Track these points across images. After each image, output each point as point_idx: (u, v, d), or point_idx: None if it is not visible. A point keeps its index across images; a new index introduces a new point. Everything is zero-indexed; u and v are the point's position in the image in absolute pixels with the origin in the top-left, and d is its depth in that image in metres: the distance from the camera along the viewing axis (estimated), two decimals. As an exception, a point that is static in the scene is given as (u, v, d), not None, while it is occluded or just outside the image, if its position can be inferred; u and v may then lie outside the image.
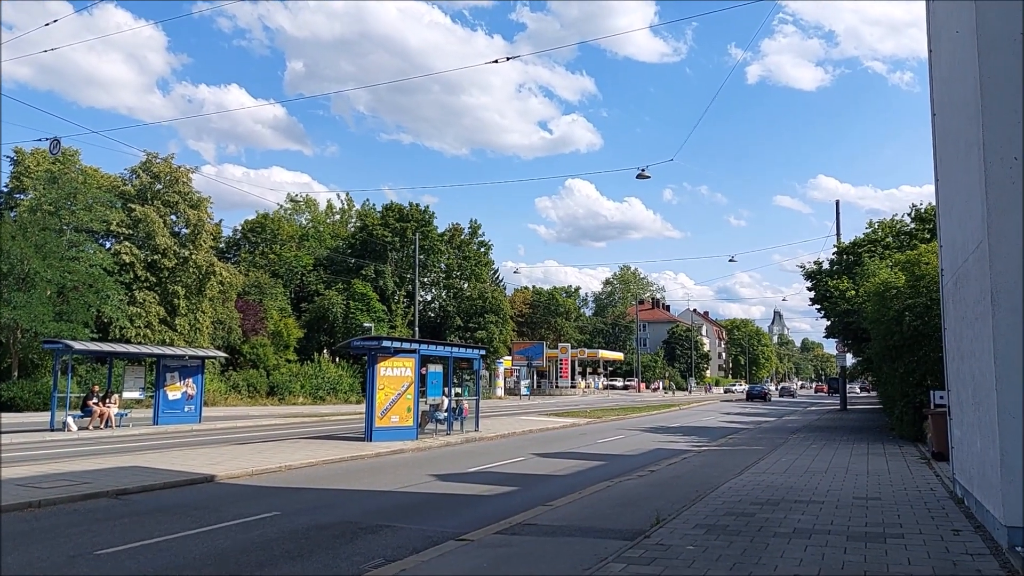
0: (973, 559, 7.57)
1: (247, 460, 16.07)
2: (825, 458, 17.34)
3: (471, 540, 8.75)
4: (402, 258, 65.86)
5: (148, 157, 45.64)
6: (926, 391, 18.71)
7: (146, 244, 43.21)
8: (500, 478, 14.87)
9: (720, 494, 11.97)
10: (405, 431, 20.84)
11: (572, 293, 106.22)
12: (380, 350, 20.81)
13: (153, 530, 9.61)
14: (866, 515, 10.06)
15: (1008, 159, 8.11)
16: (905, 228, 33.17)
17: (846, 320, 31.45)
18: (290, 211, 76.25)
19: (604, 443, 23.01)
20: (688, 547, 8.18)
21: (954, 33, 10.09)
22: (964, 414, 10.89)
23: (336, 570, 7.75)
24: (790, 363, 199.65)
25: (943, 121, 11.92)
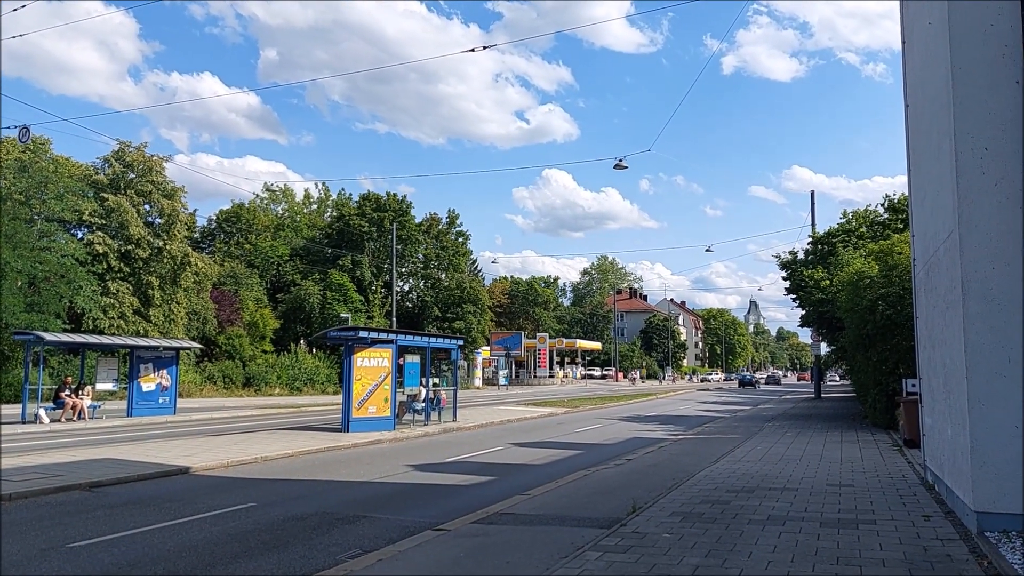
0: (943, 544, 7.69)
1: (222, 451, 15.96)
2: (799, 446, 17.53)
3: (448, 530, 8.75)
4: (379, 248, 65.57)
5: (121, 146, 45.04)
6: (898, 379, 18.95)
7: (119, 234, 42.66)
8: (478, 468, 14.89)
9: (696, 482, 12.07)
10: (382, 422, 20.79)
11: (551, 283, 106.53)
12: (357, 340, 20.72)
13: (127, 522, 9.52)
14: (839, 502, 10.19)
15: (979, 149, 8.21)
16: (879, 218, 33.50)
17: (821, 309, 31.76)
18: (267, 201, 75.65)
19: (581, 432, 23.11)
20: (664, 535, 8.24)
21: (927, 25, 10.18)
22: (935, 402, 11.05)
23: (312, 561, 7.72)
24: (766, 352, 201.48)
25: (916, 112, 12.04)
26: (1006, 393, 7.95)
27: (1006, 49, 8.11)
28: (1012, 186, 8.02)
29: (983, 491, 8.01)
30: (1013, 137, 8.02)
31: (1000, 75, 8.15)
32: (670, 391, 61.21)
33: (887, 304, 19.92)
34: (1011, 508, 7.88)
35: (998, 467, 7.95)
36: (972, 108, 8.28)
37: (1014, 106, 8.02)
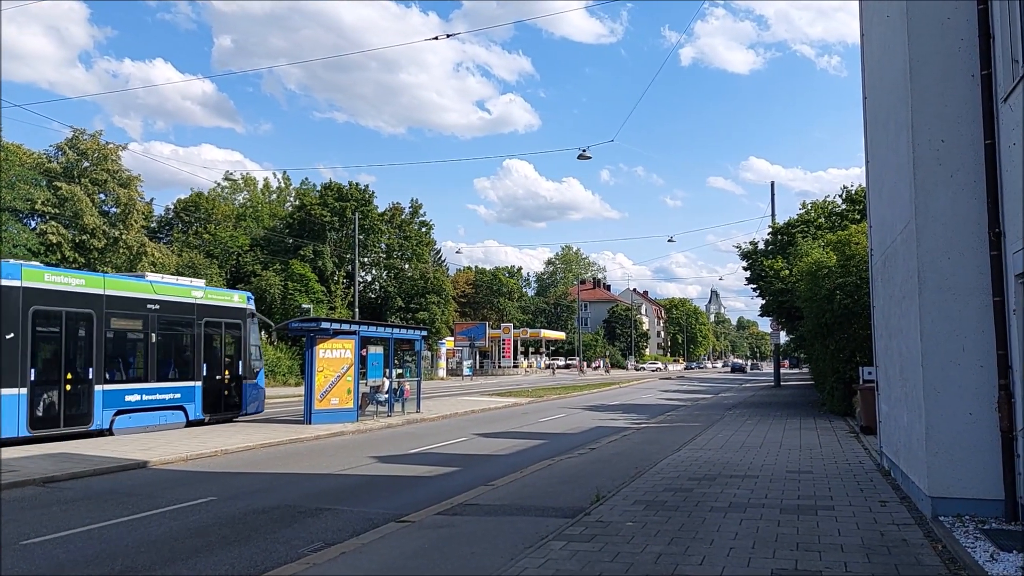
0: (899, 529, 7.85)
1: (181, 445, 15.72)
2: (760, 433, 17.78)
3: (412, 521, 8.72)
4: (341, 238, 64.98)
5: (75, 133, 44.01)
6: (855, 367, 19.30)
7: (73, 224, 41.69)
8: (442, 459, 14.85)
9: (659, 470, 12.18)
10: (345, 413, 20.64)
11: (515, 273, 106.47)
12: (319, 332, 20.53)
13: (83, 518, 9.33)
14: (799, 488, 10.35)
15: (935, 141, 8.36)
16: (837, 209, 34.01)
17: (780, 299, 32.19)
18: (227, 190, 74.47)
19: (545, 422, 23.18)
20: (628, 523, 8.29)
21: (885, 18, 10.32)
22: (891, 389, 11.27)
23: (274, 555, 7.63)
24: (727, 341, 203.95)
25: (874, 104, 12.21)
26: (960, 381, 8.14)
27: (962, 43, 8.26)
28: (968, 177, 8.19)
29: (938, 477, 8.20)
30: (969, 129, 8.18)
31: (956, 68, 8.30)
32: (632, 380, 61.67)
33: (845, 294, 20.26)
34: (965, 493, 8.07)
35: (952, 453, 8.14)
36: (929, 100, 8.42)
37: (970, 99, 8.17)
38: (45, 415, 16.15)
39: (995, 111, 7.89)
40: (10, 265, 16.04)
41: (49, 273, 17.00)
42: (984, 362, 8.00)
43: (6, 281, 15.56)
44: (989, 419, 7.93)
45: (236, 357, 21.04)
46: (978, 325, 8.05)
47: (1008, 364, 7.76)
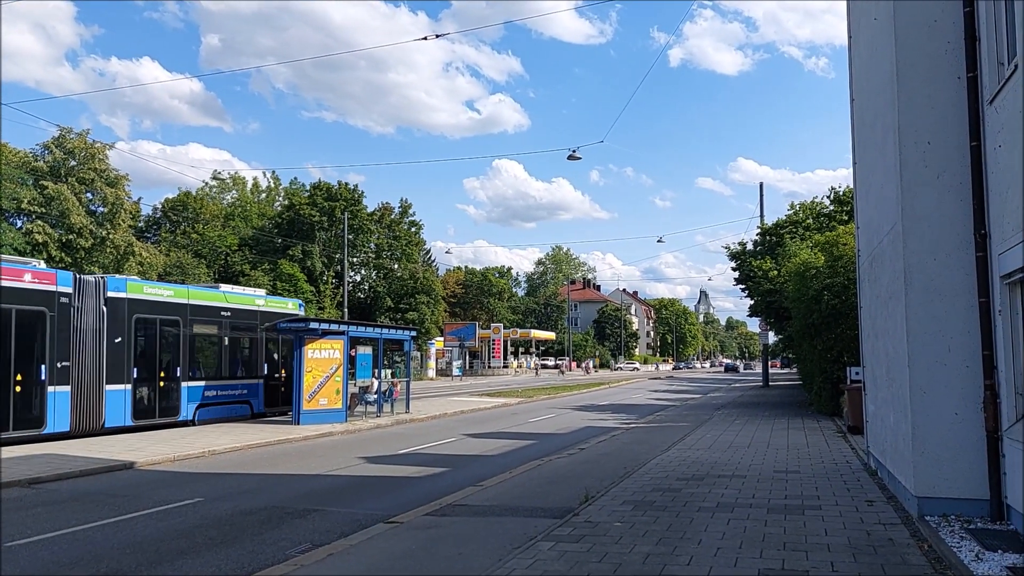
0: (885, 528, 7.88)
1: (168, 445, 15.63)
2: (748, 433, 17.84)
3: (401, 522, 8.70)
4: (331, 238, 64.87)
5: (62, 132, 43.86)
6: (843, 367, 19.38)
7: (60, 223, 41.48)
8: (431, 459, 14.83)
9: (647, 470, 12.19)
10: (334, 414, 20.58)
11: (504, 273, 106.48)
12: (307, 332, 20.47)
13: (69, 519, 9.27)
14: (786, 488, 10.39)
15: (921, 143, 8.41)
16: (825, 210, 34.16)
17: (769, 299, 32.30)
18: (216, 189, 74.17)
19: (535, 422, 23.19)
20: (616, 523, 8.30)
21: (872, 20, 10.37)
22: (878, 389, 11.32)
23: (261, 556, 7.60)
24: (715, 341, 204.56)
25: (861, 106, 12.27)
26: (946, 381, 8.18)
27: (949, 45, 8.31)
28: (954, 179, 8.24)
29: (924, 476, 8.24)
30: (955, 131, 8.23)
31: (943, 70, 8.35)
32: (622, 380, 61.77)
33: (832, 294, 20.35)
34: (950, 493, 8.12)
35: (938, 453, 8.19)
36: (916, 102, 8.47)
37: (956, 101, 8.22)
38: (145, 408, 18.70)
39: (981, 113, 7.94)
40: (117, 280, 18.62)
41: (147, 286, 19.68)
42: (970, 362, 8.05)
43: (113, 293, 17.95)
44: (975, 419, 7.98)
45: (290, 357, 21.99)
46: (964, 326, 8.10)
47: (993, 364, 7.81)
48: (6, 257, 17.19)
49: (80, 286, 17.32)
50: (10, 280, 15.64)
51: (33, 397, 16.11)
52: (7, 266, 15.92)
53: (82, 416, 17.10)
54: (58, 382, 16.52)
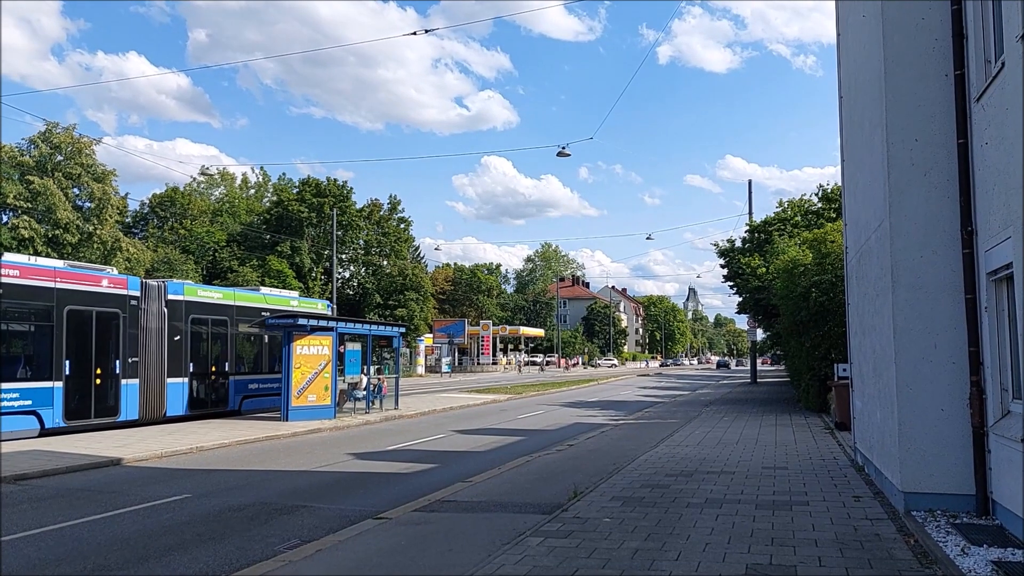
0: (872, 524, 7.93)
1: (156, 442, 15.56)
2: (736, 430, 17.90)
3: (389, 518, 8.69)
4: (319, 234, 64.67)
5: (48, 127, 43.45)
6: (830, 364, 19.47)
7: (46, 218, 41.16)
8: (419, 456, 14.82)
9: (636, 466, 12.22)
10: (322, 410, 20.54)
11: (493, 270, 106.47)
12: (296, 328, 20.39)
13: (55, 516, 9.22)
14: (774, 484, 10.43)
15: (909, 140, 8.45)
16: (813, 207, 34.30)
17: (757, 296, 32.41)
18: (204, 185, 73.77)
19: (524, 419, 23.20)
20: (605, 519, 8.32)
21: (861, 18, 10.41)
22: (865, 386, 11.39)
23: (250, 552, 7.58)
24: (704, 338, 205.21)
25: (849, 104, 12.32)
26: (932, 377, 8.24)
27: (936, 43, 8.35)
28: (941, 176, 8.29)
29: (910, 472, 8.30)
30: (942, 129, 8.27)
31: (930, 68, 8.39)
32: (611, 377, 61.88)
33: (820, 291, 20.43)
34: (936, 488, 8.18)
35: (924, 449, 8.24)
36: (903, 100, 8.51)
37: (944, 98, 8.26)
38: (199, 399, 20.71)
39: (968, 111, 7.99)
40: (176, 284, 20.89)
41: (200, 289, 21.81)
42: (956, 359, 8.10)
43: (173, 296, 20.03)
44: (961, 415, 8.03)
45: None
46: (950, 322, 8.16)
47: (980, 361, 7.86)
48: (87, 264, 20.23)
49: (145, 290, 19.29)
50: (91, 285, 17.84)
51: (109, 389, 18.10)
52: (88, 272, 18.34)
53: (148, 406, 19.10)
54: (129, 375, 18.52)
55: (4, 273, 15.87)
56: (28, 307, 16.51)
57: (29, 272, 16.52)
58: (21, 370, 16.40)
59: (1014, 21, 6.56)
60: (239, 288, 26.99)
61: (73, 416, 17.03)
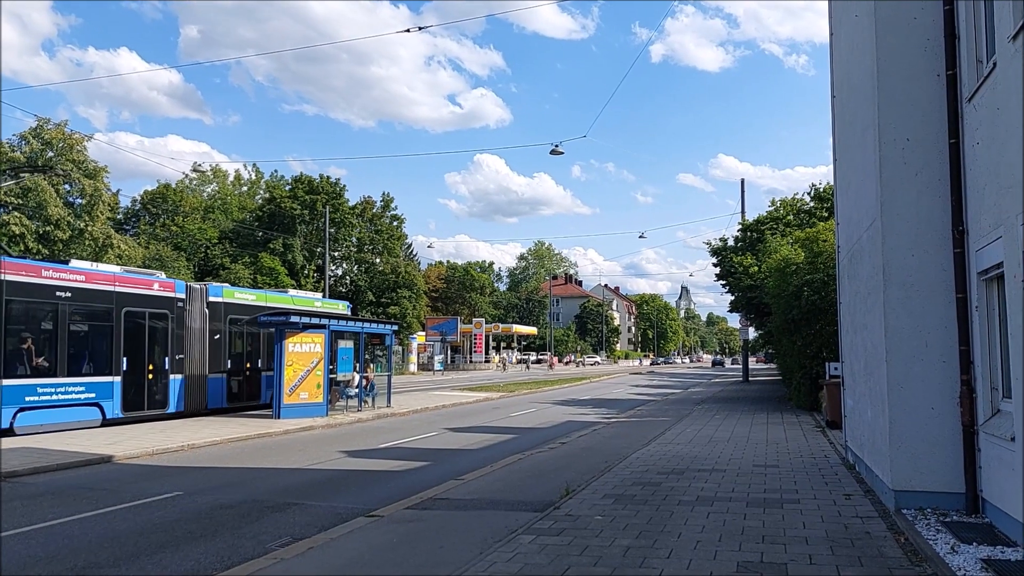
0: (863, 522, 7.96)
1: (147, 439, 15.51)
2: (728, 428, 17.95)
3: (381, 516, 8.68)
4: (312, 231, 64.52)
5: (39, 123, 43.19)
6: (822, 363, 19.54)
7: (37, 215, 40.93)
8: (412, 453, 14.81)
9: (628, 464, 12.24)
10: (315, 408, 20.51)
11: (486, 268, 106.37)
12: (288, 325, 20.34)
13: (46, 513, 9.18)
14: (765, 482, 10.47)
15: (901, 140, 8.48)
16: (805, 206, 34.36)
17: (749, 295, 32.45)
18: (196, 181, 73.50)
19: (516, 417, 23.21)
20: (596, 517, 8.33)
21: (853, 17, 10.43)
22: (856, 385, 11.43)
23: (241, 550, 7.56)
24: (696, 337, 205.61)
25: (842, 103, 12.35)
26: (923, 376, 8.27)
27: (928, 42, 8.38)
28: (932, 176, 8.32)
29: (900, 470, 8.33)
30: (934, 128, 8.30)
31: (922, 67, 8.42)
32: (603, 375, 61.96)
33: (812, 290, 20.49)
34: (927, 486, 8.22)
35: (914, 447, 8.28)
36: (896, 99, 8.54)
37: (936, 98, 8.29)
38: (235, 393, 22.31)
39: (960, 111, 8.02)
40: (215, 287, 22.29)
41: (237, 292, 23.40)
42: (946, 357, 8.14)
43: (213, 298, 21.55)
44: (951, 414, 8.07)
45: None
46: (941, 321, 8.19)
47: (970, 360, 7.90)
48: (139, 270, 22.10)
49: (189, 293, 20.88)
50: (144, 289, 19.52)
51: (160, 383, 19.74)
52: (141, 277, 20.03)
53: (192, 399, 20.66)
54: (176, 371, 20.13)
55: (72, 278, 17.62)
56: (92, 309, 18.14)
57: (93, 277, 18.25)
58: (85, 366, 17.93)
59: (1006, 21, 6.59)
60: (269, 290, 29.24)
61: (129, 408, 18.73)
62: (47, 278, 17.03)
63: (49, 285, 17.05)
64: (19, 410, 16.23)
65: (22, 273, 16.54)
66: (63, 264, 18.24)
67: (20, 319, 16.64)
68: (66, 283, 17.39)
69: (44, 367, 16.88)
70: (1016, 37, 6.27)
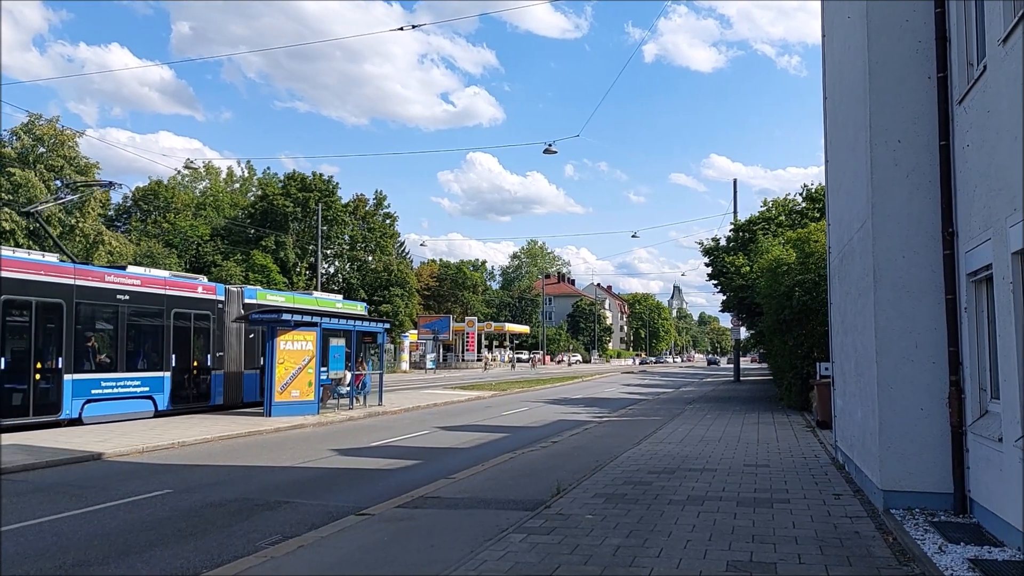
0: (852, 521, 8.00)
1: (137, 437, 15.45)
2: (719, 428, 18.00)
3: (372, 514, 8.68)
4: (304, 229, 64.37)
5: (31, 118, 42.94)
6: (813, 363, 19.60)
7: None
8: (403, 452, 14.80)
9: (619, 464, 12.26)
10: (306, 406, 20.46)
11: (479, 267, 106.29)
12: (280, 323, 20.30)
13: (34, 510, 9.14)
14: (755, 481, 10.50)
15: (892, 141, 8.51)
16: (797, 207, 34.48)
17: (741, 295, 32.56)
18: (188, 178, 73.21)
19: (508, 415, 23.22)
20: (587, 516, 8.34)
21: (846, 19, 10.47)
22: (846, 385, 11.48)
23: (231, 548, 7.54)
24: (688, 336, 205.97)
25: (834, 105, 12.39)
26: (913, 377, 8.31)
27: (920, 45, 8.41)
28: (923, 178, 8.36)
29: (890, 470, 8.37)
30: (925, 130, 8.34)
31: (914, 70, 8.45)
32: (595, 374, 62.01)
33: (803, 290, 20.56)
34: (915, 487, 8.26)
35: (904, 448, 8.32)
36: (887, 101, 8.57)
37: (927, 100, 8.33)
38: None
39: (950, 113, 8.06)
40: (250, 289, 24.03)
41: (269, 294, 24.93)
42: (936, 359, 8.18)
43: (249, 300, 22.93)
44: (940, 414, 8.11)
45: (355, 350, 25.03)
46: (931, 323, 8.23)
47: (959, 361, 7.94)
48: (185, 275, 23.46)
49: (228, 295, 22.33)
50: (190, 292, 21.05)
51: (203, 378, 21.32)
52: (187, 281, 21.70)
53: (230, 393, 22.09)
54: (216, 367, 21.65)
55: (130, 283, 19.30)
56: (146, 310, 19.78)
57: (147, 282, 19.94)
58: (140, 362, 19.64)
59: (996, 25, 6.63)
60: (297, 292, 31.28)
61: (177, 401, 20.31)
62: (109, 282, 18.79)
63: (111, 289, 18.74)
64: (86, 402, 17.85)
65: (90, 278, 18.30)
66: (121, 269, 20.41)
67: (87, 320, 18.21)
68: (125, 287, 19.11)
69: (106, 363, 18.56)
70: (1006, 40, 6.31)
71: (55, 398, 17.16)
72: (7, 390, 16.18)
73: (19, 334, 16.69)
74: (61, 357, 17.25)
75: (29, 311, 16.70)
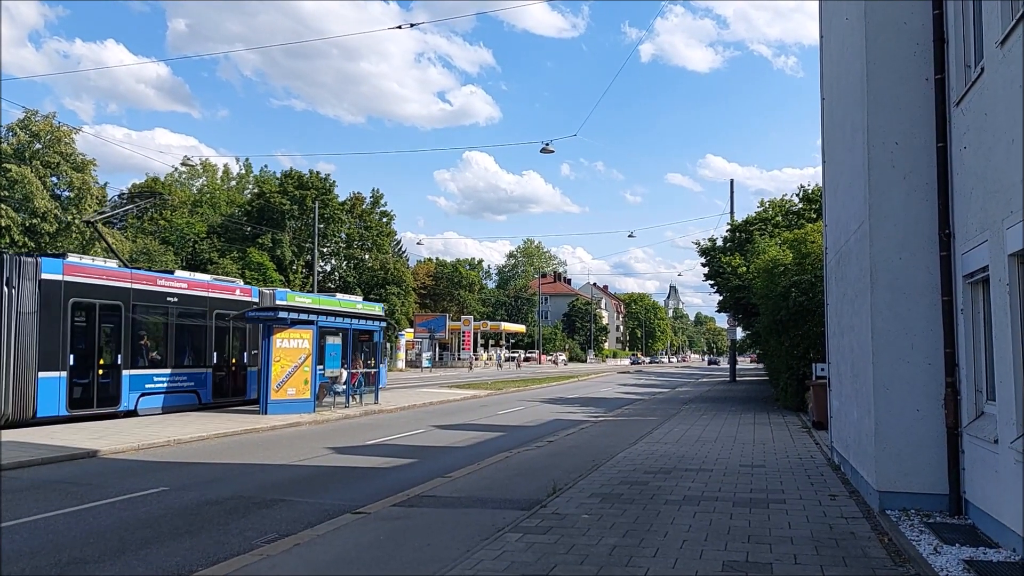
0: (847, 522, 8.02)
1: (133, 434, 15.42)
2: (715, 428, 18.02)
3: (368, 513, 8.67)
4: (301, 227, 64.24)
5: (27, 114, 42.82)
6: (809, 364, 19.61)
7: (23, 207, 40.60)
8: (399, 450, 14.79)
9: (615, 463, 12.27)
10: (302, 404, 20.44)
11: (475, 266, 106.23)
12: (276, 321, 20.28)
13: (30, 508, 9.12)
14: (751, 482, 10.51)
15: (889, 143, 8.53)
16: (794, 208, 34.51)
17: (737, 295, 32.57)
18: (185, 175, 73.02)
19: (504, 414, 23.22)
20: (583, 515, 8.35)
21: (844, 20, 10.48)
22: (843, 386, 11.50)
23: (227, 546, 7.53)
24: (684, 336, 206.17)
25: (831, 106, 12.41)
26: (909, 378, 8.33)
27: (918, 47, 8.43)
28: (920, 179, 8.37)
29: (885, 471, 8.39)
30: (922, 132, 8.36)
31: (911, 71, 8.47)
32: (591, 373, 62.03)
33: (800, 291, 20.57)
34: (911, 488, 8.28)
35: (899, 449, 8.34)
36: (885, 103, 8.59)
37: (924, 102, 8.35)
38: None
39: (948, 115, 8.08)
40: (281, 292, 25.21)
41: (297, 296, 26.04)
42: (932, 360, 8.20)
43: (280, 302, 23.68)
44: (936, 416, 8.13)
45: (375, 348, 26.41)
46: (927, 324, 8.25)
47: (955, 362, 7.96)
48: (223, 278, 24.78)
49: (261, 297, 23.58)
50: (229, 294, 22.48)
51: (240, 374, 22.87)
52: (226, 284, 23.20)
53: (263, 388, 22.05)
54: (251, 364, 22.94)
55: (178, 286, 20.77)
56: (191, 311, 21.08)
57: (193, 285, 21.37)
58: (186, 359, 21.06)
59: (993, 27, 6.64)
60: (322, 294, 32.76)
61: (217, 395, 21.75)
62: (161, 286, 20.25)
63: (162, 292, 20.19)
64: (140, 395, 19.31)
65: (144, 282, 19.80)
66: (170, 274, 21.63)
67: (141, 320, 19.68)
68: (174, 290, 20.56)
69: (157, 359, 20.06)
70: (1004, 42, 6.32)
71: (115, 392, 18.61)
72: (74, 384, 17.54)
73: (84, 333, 17.98)
74: (120, 354, 18.76)
75: (93, 312, 18.15)
